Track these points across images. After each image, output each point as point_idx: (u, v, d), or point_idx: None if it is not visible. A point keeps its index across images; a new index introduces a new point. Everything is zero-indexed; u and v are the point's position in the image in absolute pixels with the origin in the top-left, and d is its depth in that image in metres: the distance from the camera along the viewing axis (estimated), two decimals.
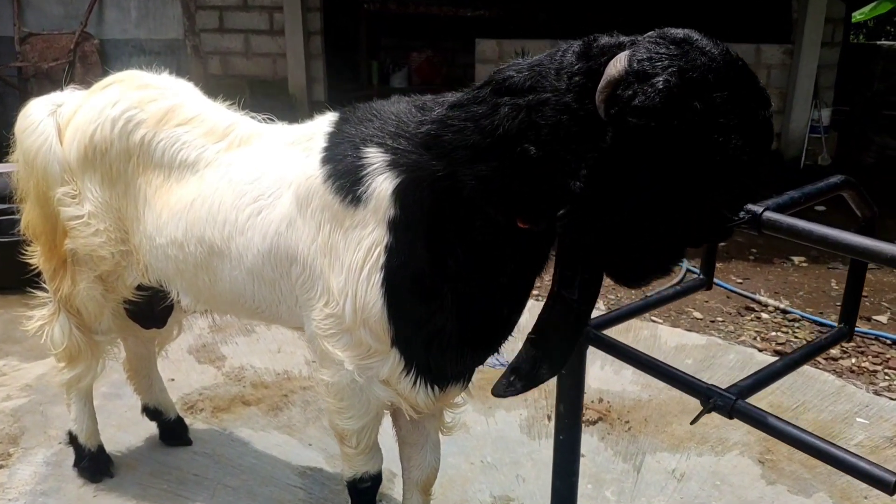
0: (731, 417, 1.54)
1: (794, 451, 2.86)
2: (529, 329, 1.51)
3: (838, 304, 4.39)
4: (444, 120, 1.50)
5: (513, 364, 1.51)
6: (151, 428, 2.81)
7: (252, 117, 2.07)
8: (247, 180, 1.87)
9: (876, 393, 3.34)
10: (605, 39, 1.31)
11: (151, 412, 2.77)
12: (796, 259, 5.08)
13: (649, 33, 1.27)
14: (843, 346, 3.79)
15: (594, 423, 3.03)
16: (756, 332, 3.92)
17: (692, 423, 1.62)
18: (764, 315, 4.14)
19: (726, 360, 3.58)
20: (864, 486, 2.66)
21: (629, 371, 3.36)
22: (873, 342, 3.83)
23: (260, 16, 6.62)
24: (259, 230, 1.82)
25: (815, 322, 4.09)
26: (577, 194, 1.28)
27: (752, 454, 2.87)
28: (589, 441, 2.90)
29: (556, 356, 1.45)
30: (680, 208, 1.26)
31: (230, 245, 1.87)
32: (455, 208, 1.54)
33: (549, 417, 3.02)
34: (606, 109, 1.23)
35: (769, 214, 1.35)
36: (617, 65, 1.21)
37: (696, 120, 1.17)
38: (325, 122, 1.83)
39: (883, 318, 4.13)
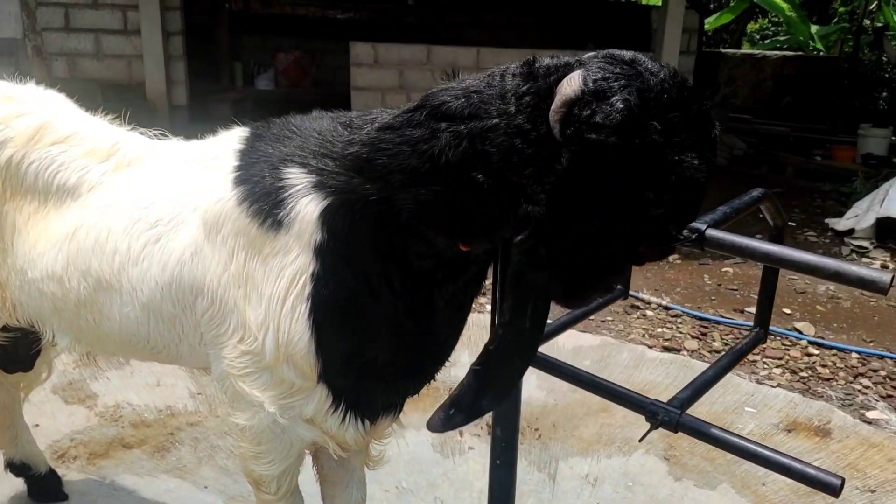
0: (676, 431, 1.56)
1: (694, 445, 2.99)
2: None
3: (713, 298, 4.66)
4: (375, 142, 1.41)
5: (452, 396, 1.45)
6: (18, 485, 2.50)
7: (142, 133, 1.87)
8: (141, 205, 1.69)
9: (758, 382, 3.55)
10: (546, 60, 1.29)
11: (17, 467, 2.44)
12: (670, 256, 5.33)
13: (592, 54, 1.26)
14: (723, 339, 4.01)
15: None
16: (644, 329, 4.07)
17: (640, 440, 1.63)
18: (649, 312, 4.31)
19: (621, 359, 3.69)
20: (762, 472, 2.85)
21: (534, 376, 3.37)
22: (749, 334, 4.06)
23: (112, 14, 6.15)
24: (157, 260, 1.64)
25: (695, 317, 4.30)
26: (537, 218, 1.24)
27: (658, 451, 2.97)
28: None
29: (502, 386, 1.40)
30: (634, 227, 1.27)
31: (121, 278, 1.68)
32: (389, 232, 1.45)
33: (460, 433, 2.98)
34: (562, 129, 1.20)
35: (711, 232, 1.38)
36: (572, 83, 1.19)
37: (655, 139, 1.17)
38: (230, 139, 1.68)
39: (754, 310, 4.41)
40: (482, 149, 1.27)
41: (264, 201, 1.51)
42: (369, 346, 1.57)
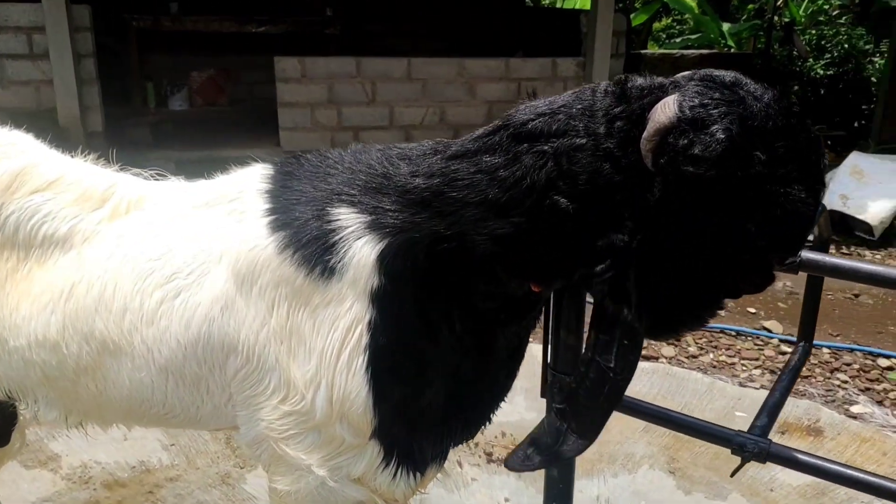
0: (765, 462, 1.55)
1: (696, 456, 3.02)
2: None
3: None
4: (446, 173, 1.34)
5: (533, 435, 1.39)
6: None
7: (137, 173, 1.73)
8: (151, 255, 1.55)
9: (741, 385, 3.63)
10: (640, 80, 1.25)
11: None
12: None
13: (689, 74, 1.23)
14: (697, 343, 4.09)
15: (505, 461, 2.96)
16: None
17: (732, 475, 1.61)
18: None
19: None
20: (767, 478, 2.90)
21: (521, 397, 3.34)
22: (720, 335, 4.17)
23: (16, 38, 5.78)
24: (179, 317, 1.51)
25: None
26: (621, 248, 1.19)
27: (661, 465, 2.98)
28: (507, 482, 2.84)
29: (587, 430, 1.34)
30: (732, 262, 1.23)
31: (133, 339, 1.54)
32: (454, 273, 1.38)
33: (459, 463, 2.92)
34: (655, 159, 1.16)
35: (809, 255, 1.38)
36: (666, 110, 1.15)
37: (758, 170, 1.13)
38: (250, 178, 1.58)
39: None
40: (567, 168, 1.22)
41: (312, 247, 1.41)
42: (425, 393, 1.51)
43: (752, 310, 4.51)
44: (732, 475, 1.61)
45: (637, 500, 2.76)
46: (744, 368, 3.80)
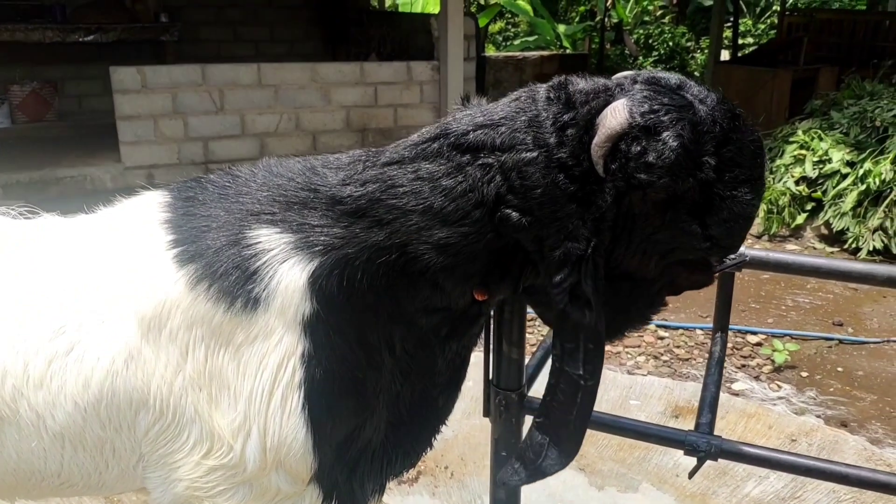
0: (716, 459, 1.53)
1: (601, 449, 3.04)
2: None
3: None
4: (383, 179, 1.23)
5: (518, 450, 1.31)
6: None
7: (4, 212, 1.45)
8: (30, 308, 1.31)
9: (630, 373, 3.72)
10: (582, 83, 1.20)
11: None
12: None
13: (632, 75, 1.20)
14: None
15: (416, 480, 2.85)
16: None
17: (690, 477, 1.58)
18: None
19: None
20: (672, 464, 2.97)
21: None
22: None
23: None
24: (74, 376, 1.28)
25: None
26: (578, 256, 1.14)
27: (570, 464, 2.96)
28: (421, 502, 2.72)
29: (566, 443, 1.26)
30: (682, 261, 1.25)
31: (18, 406, 1.30)
32: (396, 286, 1.26)
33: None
34: (606, 165, 1.13)
35: (756, 253, 1.37)
36: (617, 116, 1.11)
37: (708, 175, 1.13)
38: (145, 206, 1.36)
39: None
40: (518, 183, 1.16)
41: (230, 277, 1.23)
42: (365, 427, 1.37)
43: None
44: (690, 476, 1.58)
45: (553, 502, 2.73)
46: (629, 356, 3.90)
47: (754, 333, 4.12)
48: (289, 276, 1.23)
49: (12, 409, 1.29)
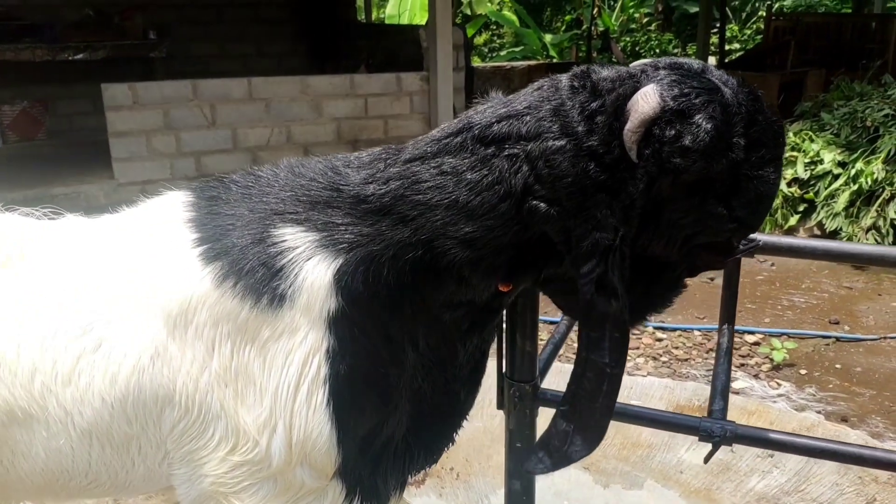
0: (731, 444, 1.58)
1: (605, 448, 3.08)
2: None
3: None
4: (407, 176, 1.26)
5: (542, 438, 1.34)
6: None
7: (24, 213, 1.49)
8: (57, 307, 1.35)
9: (629, 374, 3.76)
10: (605, 71, 1.22)
11: None
12: None
13: (653, 62, 1.22)
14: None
15: (422, 482, 2.88)
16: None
17: (706, 461, 1.62)
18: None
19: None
20: (676, 461, 3.01)
21: None
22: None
23: None
24: (102, 372, 1.32)
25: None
26: (606, 246, 1.16)
27: (575, 464, 3.01)
28: (429, 503, 2.75)
29: (591, 430, 1.30)
30: (707, 243, 1.26)
31: (47, 404, 1.33)
32: (421, 281, 1.29)
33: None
34: (640, 150, 1.14)
35: (767, 238, 1.42)
36: (650, 100, 1.13)
37: (738, 156, 1.16)
38: (169, 206, 1.40)
39: None
40: (546, 172, 1.17)
41: (256, 275, 1.27)
42: (388, 422, 1.41)
43: None
44: (706, 461, 1.63)
45: (560, 500, 2.77)
46: (628, 358, 3.94)
47: (752, 333, 4.18)
48: (314, 273, 1.26)
49: (41, 406, 1.33)
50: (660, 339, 4.17)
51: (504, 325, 1.63)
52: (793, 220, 5.72)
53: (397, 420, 1.42)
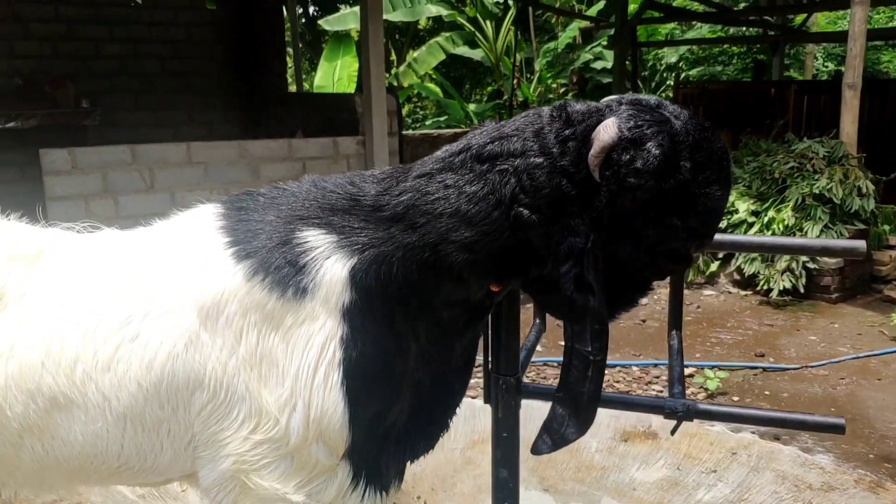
0: (692, 420, 1.81)
1: (563, 471, 3.27)
2: None
3: None
4: (418, 188, 1.47)
5: (545, 422, 1.53)
6: None
7: (68, 227, 1.65)
8: (100, 303, 1.50)
9: None
10: (578, 106, 1.47)
11: None
12: None
13: (618, 98, 1.47)
14: (535, 374, 4.41)
15: None
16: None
17: (672, 433, 1.83)
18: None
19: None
20: (628, 480, 3.22)
21: None
22: (544, 367, 4.54)
23: None
24: (139, 359, 1.46)
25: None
26: (580, 249, 1.40)
27: (535, 485, 3.18)
28: None
29: (582, 413, 1.49)
30: (664, 250, 1.50)
31: (87, 389, 1.47)
32: (425, 280, 1.49)
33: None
34: (601, 172, 1.38)
35: (718, 236, 1.68)
36: (609, 131, 1.38)
37: (686, 177, 1.40)
38: (202, 216, 1.58)
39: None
40: (528, 183, 1.41)
41: (283, 270, 1.46)
42: (392, 408, 1.57)
43: (562, 342, 4.97)
44: (672, 433, 1.84)
45: None
46: None
47: (686, 367, 4.48)
48: (332, 269, 1.45)
49: (81, 392, 1.45)
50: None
51: (489, 326, 1.82)
52: (714, 267, 6.15)
53: (400, 408, 1.58)
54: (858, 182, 5.81)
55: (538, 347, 4.80)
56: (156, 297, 1.48)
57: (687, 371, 4.44)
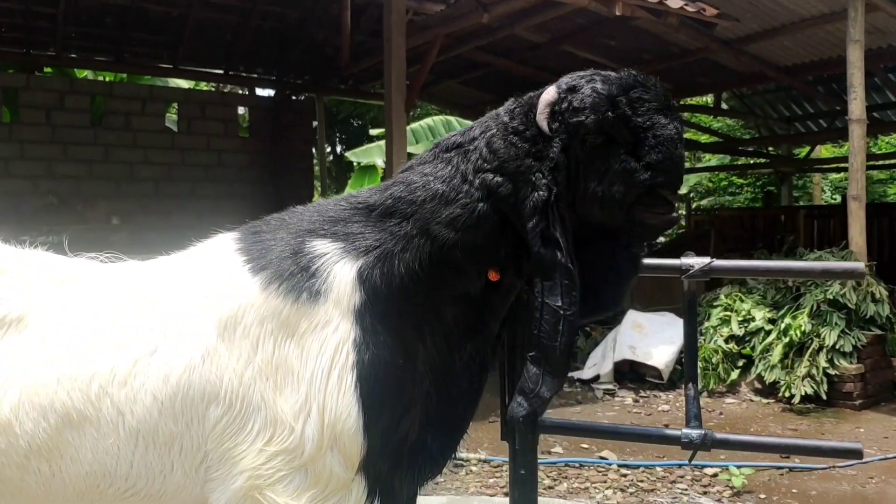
0: (710, 450, 1.80)
1: None
2: None
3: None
4: (403, 181, 1.63)
5: (519, 385, 1.57)
6: None
7: (91, 257, 1.74)
8: (119, 322, 1.55)
9: None
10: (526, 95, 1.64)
11: None
12: None
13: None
14: (549, 476, 4.29)
15: None
16: (478, 481, 4.19)
17: (689, 461, 1.82)
18: (473, 467, 4.46)
19: None
20: None
21: None
22: (566, 468, 4.42)
23: None
24: (156, 372, 1.49)
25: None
26: (543, 202, 1.50)
27: None
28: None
29: (556, 367, 1.54)
30: (638, 200, 1.54)
31: (101, 405, 1.49)
32: (424, 274, 1.56)
33: None
34: (549, 125, 1.54)
35: (717, 263, 1.74)
36: (549, 91, 1.56)
37: (625, 111, 1.50)
38: (219, 241, 1.67)
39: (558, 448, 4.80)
40: (487, 151, 1.57)
41: (296, 277, 1.54)
42: (404, 418, 1.58)
43: (585, 445, 4.86)
44: (690, 461, 1.81)
45: None
46: (597, 490, 4.04)
47: (710, 467, 4.35)
48: (341, 272, 1.54)
49: (95, 408, 1.46)
50: (625, 475, 4.29)
51: (505, 360, 1.85)
52: (734, 375, 6.07)
53: (411, 420, 1.58)
54: (871, 288, 5.82)
55: None
56: (176, 313, 1.53)
57: (711, 470, 4.31)
